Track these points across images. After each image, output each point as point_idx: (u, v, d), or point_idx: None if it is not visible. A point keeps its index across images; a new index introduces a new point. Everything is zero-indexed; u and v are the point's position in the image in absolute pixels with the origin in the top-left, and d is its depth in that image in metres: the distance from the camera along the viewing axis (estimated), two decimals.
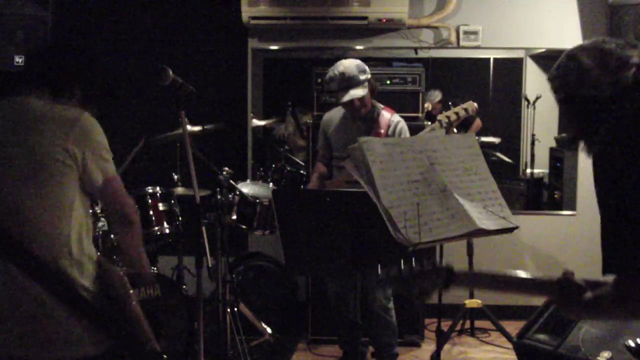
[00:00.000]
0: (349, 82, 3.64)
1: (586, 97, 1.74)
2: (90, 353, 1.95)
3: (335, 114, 3.98)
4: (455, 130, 3.64)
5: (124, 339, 1.91)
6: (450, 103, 3.76)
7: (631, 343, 1.84)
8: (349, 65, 3.70)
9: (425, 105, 4.63)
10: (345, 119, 3.90)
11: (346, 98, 3.66)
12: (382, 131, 3.78)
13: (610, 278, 1.71)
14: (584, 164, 4.86)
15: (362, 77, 3.68)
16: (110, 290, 1.94)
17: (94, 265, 2.04)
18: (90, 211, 3.50)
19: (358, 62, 3.74)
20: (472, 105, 3.59)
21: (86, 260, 2.03)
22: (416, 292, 1.75)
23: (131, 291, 1.95)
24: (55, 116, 2.04)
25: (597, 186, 1.67)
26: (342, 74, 3.66)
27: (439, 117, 3.58)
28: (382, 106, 3.87)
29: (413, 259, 1.75)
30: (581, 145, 1.80)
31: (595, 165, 1.69)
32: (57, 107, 2.08)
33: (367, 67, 3.74)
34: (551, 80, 1.85)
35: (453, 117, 3.55)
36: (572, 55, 1.80)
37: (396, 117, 3.83)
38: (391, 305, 3.90)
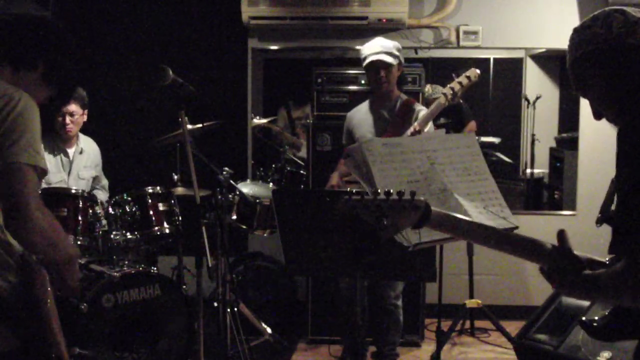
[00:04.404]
0: (383, 48, 3.69)
1: (632, 47, 1.56)
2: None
3: (359, 109, 3.97)
4: (462, 100, 3.57)
5: (31, 340, 1.76)
6: (453, 74, 3.71)
7: (584, 319, 1.70)
8: (386, 40, 3.78)
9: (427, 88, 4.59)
10: (368, 112, 3.88)
11: (375, 57, 3.66)
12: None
13: (610, 258, 1.59)
14: (584, 164, 4.87)
15: (396, 52, 3.73)
16: (27, 286, 1.75)
17: (15, 256, 1.81)
18: (91, 211, 3.55)
19: (395, 42, 3.79)
20: (474, 72, 3.52)
21: (6, 250, 1.81)
22: (386, 225, 1.55)
23: (49, 289, 1.75)
24: None
25: (623, 161, 1.49)
26: (378, 41, 3.73)
27: (443, 90, 3.56)
28: (405, 96, 3.87)
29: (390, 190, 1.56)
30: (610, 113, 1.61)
31: (624, 137, 1.51)
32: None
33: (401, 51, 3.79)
34: (581, 30, 1.64)
35: (457, 87, 3.51)
36: (608, 11, 1.60)
37: (418, 106, 3.85)
38: (400, 303, 3.90)
